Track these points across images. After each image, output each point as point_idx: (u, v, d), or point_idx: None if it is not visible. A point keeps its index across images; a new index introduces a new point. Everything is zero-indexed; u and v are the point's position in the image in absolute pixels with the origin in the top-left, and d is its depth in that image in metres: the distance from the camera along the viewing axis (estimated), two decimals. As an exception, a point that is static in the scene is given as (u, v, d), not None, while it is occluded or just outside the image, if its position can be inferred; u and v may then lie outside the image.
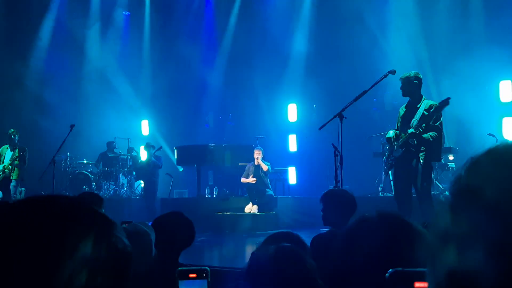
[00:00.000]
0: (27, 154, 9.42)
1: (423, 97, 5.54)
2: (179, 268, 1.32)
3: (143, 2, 14.17)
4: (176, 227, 2.56)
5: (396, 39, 10.56)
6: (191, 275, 1.32)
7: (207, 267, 1.34)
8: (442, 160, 8.63)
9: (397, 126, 5.69)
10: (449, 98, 5.23)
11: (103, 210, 2.57)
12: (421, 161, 5.32)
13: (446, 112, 5.53)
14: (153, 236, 2.15)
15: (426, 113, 5.34)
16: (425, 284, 0.69)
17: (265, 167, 9.00)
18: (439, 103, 5.27)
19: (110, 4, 13.74)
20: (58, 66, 12.96)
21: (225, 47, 13.27)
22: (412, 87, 5.47)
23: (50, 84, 12.72)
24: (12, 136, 9.25)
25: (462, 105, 8.05)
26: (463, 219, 0.53)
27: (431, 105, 5.40)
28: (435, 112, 5.28)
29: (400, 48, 10.32)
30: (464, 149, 8.88)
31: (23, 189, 11.60)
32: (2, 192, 9.22)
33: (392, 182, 5.83)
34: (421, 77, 5.59)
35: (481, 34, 9.74)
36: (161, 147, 10.81)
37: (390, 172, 5.95)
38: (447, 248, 0.53)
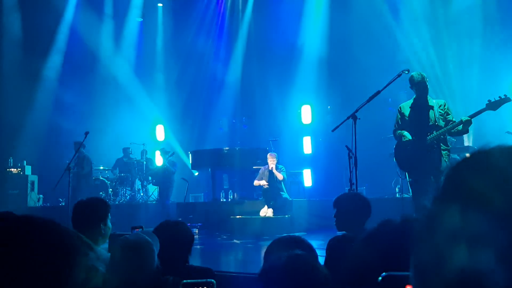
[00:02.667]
0: (84, 161, 10.29)
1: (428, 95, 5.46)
2: (184, 281, 1.28)
3: (155, 8, 14.28)
4: (173, 237, 2.52)
5: (414, 38, 10.43)
6: None
7: (213, 280, 1.30)
8: (459, 159, 8.48)
9: (397, 125, 5.54)
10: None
11: (110, 216, 2.53)
12: (446, 160, 5.23)
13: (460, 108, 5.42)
14: (157, 246, 2.11)
15: (442, 111, 5.27)
16: None
17: (280, 176, 8.85)
18: (496, 101, 5.11)
19: (123, 11, 13.87)
20: (73, 71, 13.11)
21: (239, 49, 13.29)
22: (427, 89, 5.39)
23: (65, 89, 12.88)
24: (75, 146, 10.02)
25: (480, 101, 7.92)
26: (473, 222, 0.53)
27: (444, 102, 5.38)
28: (450, 111, 5.30)
29: (417, 47, 10.20)
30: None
31: (41, 196, 11.78)
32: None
33: (409, 183, 5.68)
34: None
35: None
36: (174, 153, 10.84)
37: (406, 173, 5.81)
38: (458, 248, 0.52)
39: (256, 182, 9.17)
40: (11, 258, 0.60)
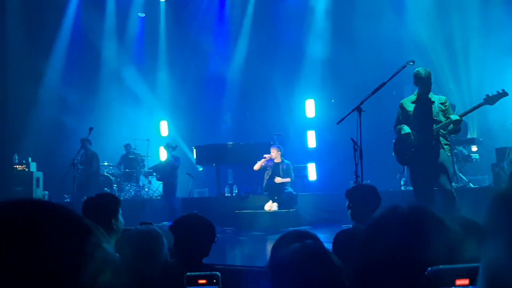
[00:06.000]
0: (92, 159, 10.55)
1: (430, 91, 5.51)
2: (187, 274, 1.27)
3: (158, 4, 14.26)
4: (196, 231, 2.50)
5: (415, 30, 10.38)
6: (201, 281, 1.27)
7: (217, 273, 1.29)
8: (465, 151, 8.47)
9: (397, 121, 5.58)
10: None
11: (120, 211, 2.52)
12: (447, 154, 5.28)
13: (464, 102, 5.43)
14: (169, 241, 2.11)
15: (443, 107, 5.32)
16: (466, 281, 0.66)
17: (284, 180, 8.85)
18: (494, 96, 5.16)
19: (125, 6, 13.86)
20: (76, 68, 13.13)
21: (242, 44, 13.26)
22: (431, 85, 5.43)
23: (69, 86, 12.90)
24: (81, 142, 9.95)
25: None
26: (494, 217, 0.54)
27: (445, 99, 5.45)
28: (450, 107, 5.40)
29: (419, 39, 10.15)
30: (487, 140, 8.68)
31: (46, 192, 11.83)
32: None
33: (410, 176, 5.72)
34: None
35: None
36: (176, 146, 10.86)
37: (406, 167, 5.85)
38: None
39: (256, 166, 9.03)
40: (23, 243, 0.60)
